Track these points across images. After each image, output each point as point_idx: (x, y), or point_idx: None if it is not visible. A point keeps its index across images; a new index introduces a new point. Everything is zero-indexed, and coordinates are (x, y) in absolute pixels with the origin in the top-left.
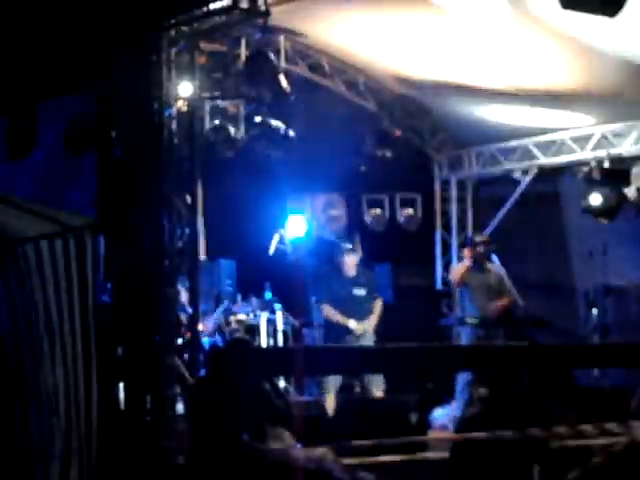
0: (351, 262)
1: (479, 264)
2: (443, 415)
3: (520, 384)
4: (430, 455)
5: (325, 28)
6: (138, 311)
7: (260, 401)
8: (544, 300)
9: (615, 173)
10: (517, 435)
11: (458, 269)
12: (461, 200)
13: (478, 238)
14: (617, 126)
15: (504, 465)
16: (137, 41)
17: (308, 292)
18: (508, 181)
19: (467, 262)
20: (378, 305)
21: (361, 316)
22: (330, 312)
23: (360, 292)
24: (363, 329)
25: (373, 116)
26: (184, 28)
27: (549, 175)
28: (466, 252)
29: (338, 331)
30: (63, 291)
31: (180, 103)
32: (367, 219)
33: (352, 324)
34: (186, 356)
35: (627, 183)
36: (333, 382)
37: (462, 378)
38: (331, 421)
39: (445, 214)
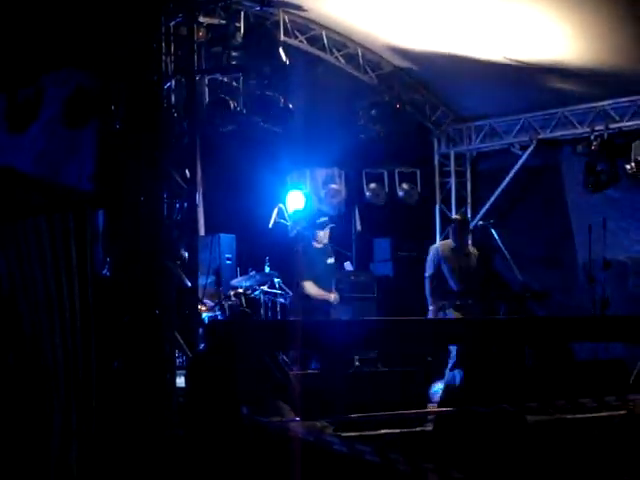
0: (325, 235)
1: (462, 245)
2: (442, 389)
3: (517, 355)
4: (429, 429)
5: (324, 1)
6: (138, 285)
7: (260, 374)
8: (544, 274)
9: (615, 147)
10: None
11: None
12: (460, 174)
13: (460, 217)
14: (617, 100)
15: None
16: (136, 14)
17: None
18: (508, 155)
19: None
20: None
21: (331, 284)
22: (313, 289)
23: (331, 260)
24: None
25: (372, 90)
26: (183, 1)
27: (549, 149)
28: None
29: (317, 305)
30: (62, 266)
31: (178, 77)
32: (367, 193)
33: (332, 297)
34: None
35: (627, 157)
36: None
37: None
38: (331, 395)
39: (444, 188)
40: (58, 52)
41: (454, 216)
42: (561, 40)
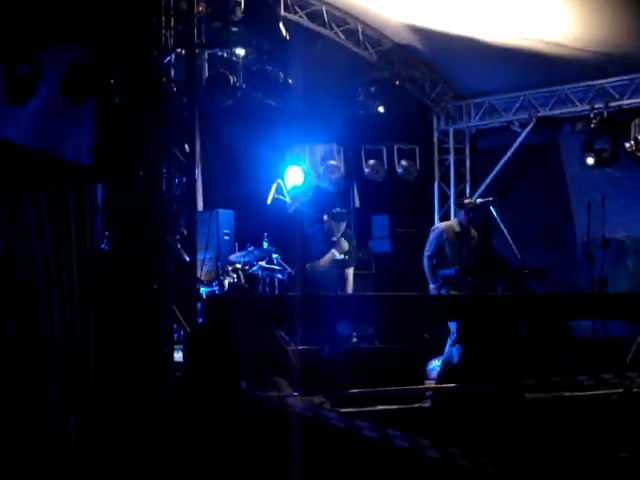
0: (339, 228)
1: (466, 228)
2: (439, 366)
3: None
4: (426, 405)
5: None
6: (136, 259)
7: (258, 349)
8: (543, 252)
9: (614, 125)
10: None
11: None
12: (459, 151)
13: (468, 201)
14: (617, 78)
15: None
16: None
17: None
18: (507, 132)
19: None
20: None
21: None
22: (317, 263)
23: (340, 257)
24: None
25: (372, 66)
26: None
27: (548, 127)
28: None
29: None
30: (61, 240)
31: (178, 51)
32: (365, 170)
33: (336, 255)
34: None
35: (626, 135)
36: None
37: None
38: (329, 370)
39: (443, 165)
40: (56, 27)
41: (466, 200)
42: (562, 18)
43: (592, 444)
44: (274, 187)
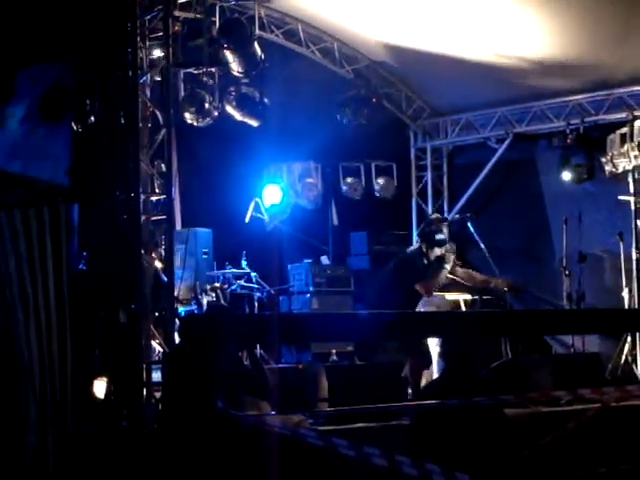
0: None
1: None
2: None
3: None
4: (406, 422)
5: None
6: (114, 279)
7: (235, 369)
8: (521, 267)
9: (590, 140)
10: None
11: None
12: (437, 168)
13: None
14: (593, 94)
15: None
16: (111, 8)
17: (284, 260)
18: (484, 149)
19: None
20: None
21: None
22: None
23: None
24: None
25: (349, 84)
26: None
27: (525, 142)
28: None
29: None
30: (37, 261)
31: (154, 71)
32: (343, 187)
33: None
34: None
35: (602, 150)
36: None
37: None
38: (308, 388)
39: (421, 182)
40: (32, 48)
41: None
42: (538, 35)
43: (570, 459)
44: (252, 205)
